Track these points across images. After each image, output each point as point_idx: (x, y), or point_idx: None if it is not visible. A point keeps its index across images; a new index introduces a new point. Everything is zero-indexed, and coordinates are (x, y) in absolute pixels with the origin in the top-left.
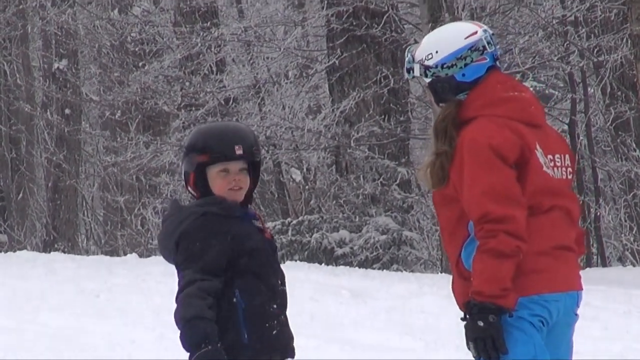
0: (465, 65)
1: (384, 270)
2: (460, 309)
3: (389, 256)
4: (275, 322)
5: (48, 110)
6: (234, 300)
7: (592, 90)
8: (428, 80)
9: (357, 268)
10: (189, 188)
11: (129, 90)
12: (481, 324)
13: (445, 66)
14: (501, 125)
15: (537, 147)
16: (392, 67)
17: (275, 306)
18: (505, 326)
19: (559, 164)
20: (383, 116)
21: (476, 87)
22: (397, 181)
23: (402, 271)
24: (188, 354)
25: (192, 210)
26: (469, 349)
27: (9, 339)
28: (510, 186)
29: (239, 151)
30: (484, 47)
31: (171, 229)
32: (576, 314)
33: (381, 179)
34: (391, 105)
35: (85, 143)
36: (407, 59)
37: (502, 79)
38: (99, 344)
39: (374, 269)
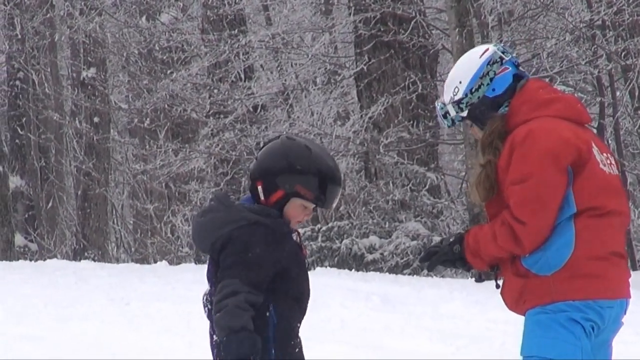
0: (491, 80)
1: (414, 276)
2: (510, 309)
3: (419, 261)
4: (298, 340)
5: (77, 118)
6: (267, 315)
7: (620, 94)
8: (465, 113)
9: (387, 274)
10: (260, 189)
11: (157, 97)
12: (446, 243)
13: (473, 90)
14: (559, 125)
15: (593, 145)
16: (420, 72)
17: (299, 324)
18: (556, 326)
19: (612, 162)
20: (412, 122)
21: (518, 95)
22: (427, 186)
23: (432, 277)
24: None
25: (244, 215)
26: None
27: (40, 348)
28: (548, 193)
29: (331, 206)
30: (500, 57)
31: (218, 225)
32: (622, 322)
33: (410, 185)
34: (420, 110)
35: (114, 151)
36: (438, 109)
37: (542, 84)
38: (130, 351)
39: (404, 274)
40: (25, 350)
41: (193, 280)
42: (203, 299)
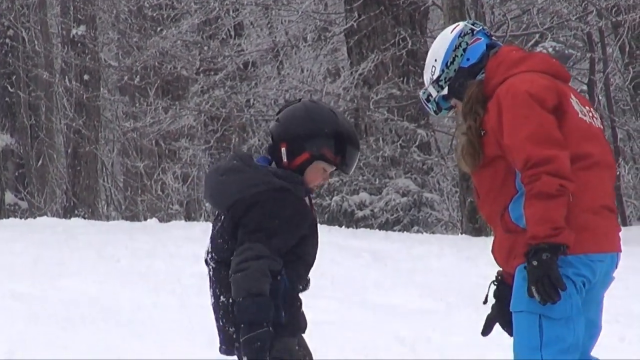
0: (464, 50)
1: (405, 232)
2: (501, 267)
3: (409, 218)
4: (300, 302)
5: (67, 76)
6: (279, 278)
7: (611, 50)
8: (445, 90)
9: (377, 230)
10: (283, 150)
11: (147, 55)
12: (535, 263)
13: (448, 64)
14: (535, 76)
15: (572, 96)
16: (411, 29)
17: (301, 287)
18: None
19: (595, 116)
20: (402, 78)
21: (492, 60)
22: (417, 143)
23: (422, 233)
24: (242, 324)
25: (269, 178)
26: (532, 295)
27: (31, 305)
28: (550, 129)
29: (350, 171)
30: (471, 29)
31: (245, 185)
32: (613, 276)
33: (400, 141)
34: (410, 67)
35: (105, 109)
36: (421, 95)
37: (514, 48)
38: (121, 309)
39: (394, 231)
40: (15, 308)
41: (183, 237)
42: (205, 257)
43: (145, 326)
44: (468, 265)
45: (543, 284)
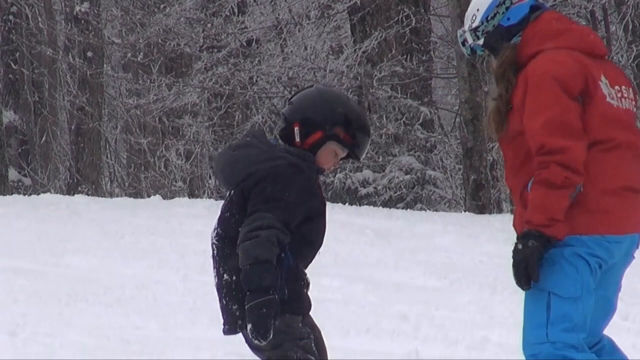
0: (507, 9)
1: (408, 210)
2: None
3: (412, 196)
4: (304, 282)
5: (70, 53)
6: (283, 255)
7: (614, 28)
8: (481, 41)
9: (380, 208)
10: (296, 130)
11: (150, 32)
12: (520, 246)
13: (489, 18)
14: (564, 56)
15: (602, 77)
16: (414, 6)
17: (307, 264)
18: (560, 260)
19: (625, 95)
20: (405, 56)
21: (531, 25)
22: (420, 120)
23: (425, 210)
24: (248, 291)
25: (282, 154)
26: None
27: (34, 282)
28: (569, 118)
29: (362, 156)
30: None
31: (255, 159)
32: (633, 256)
33: (404, 119)
34: (413, 44)
35: (108, 86)
36: (458, 36)
37: (557, 16)
38: (124, 285)
39: (397, 208)
40: (18, 284)
41: (186, 214)
42: (212, 236)
43: (147, 303)
44: (471, 242)
45: (518, 269)
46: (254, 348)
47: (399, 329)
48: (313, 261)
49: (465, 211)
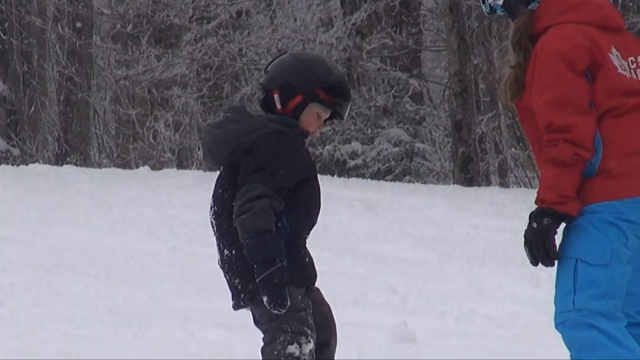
0: None
1: (397, 182)
2: None
3: (401, 168)
4: (307, 248)
5: (59, 24)
6: (279, 224)
7: None
8: (500, 1)
9: (369, 180)
10: (276, 97)
11: (140, 2)
12: (534, 225)
13: None
14: (573, 31)
15: (613, 50)
16: None
17: (307, 235)
18: (589, 227)
19: (638, 66)
20: (395, 28)
21: None
22: (409, 93)
23: (414, 183)
24: (255, 265)
25: (265, 123)
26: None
27: (22, 252)
28: (575, 95)
29: (345, 114)
30: None
31: (239, 133)
32: None
33: (393, 91)
34: (403, 17)
35: (97, 56)
36: None
37: None
38: (112, 256)
39: (386, 180)
40: (6, 254)
41: (175, 185)
42: (210, 214)
43: (136, 274)
44: (459, 215)
45: (538, 250)
46: (256, 322)
47: (387, 301)
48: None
49: (453, 184)
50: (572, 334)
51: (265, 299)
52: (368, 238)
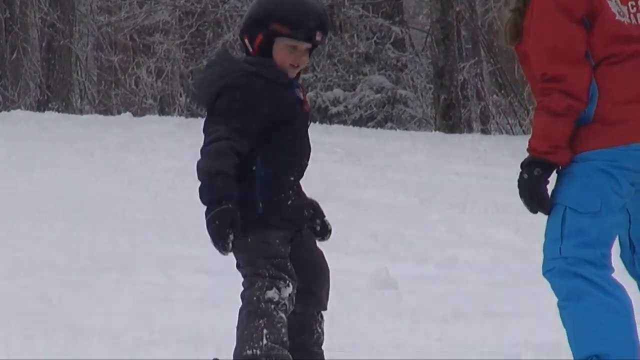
0: None
1: (378, 129)
2: None
3: (383, 114)
4: (291, 192)
5: None
6: (254, 168)
7: None
8: None
9: (351, 126)
10: (246, 41)
11: None
12: (525, 176)
13: None
14: None
15: None
16: None
17: (292, 178)
18: (581, 175)
19: (638, 10)
20: None
21: None
22: (391, 40)
23: (396, 129)
24: (205, 207)
25: (241, 66)
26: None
27: (3, 198)
28: (572, 44)
29: (317, 38)
30: None
31: (216, 77)
32: None
33: (375, 38)
34: None
35: (79, 3)
36: None
37: None
38: (94, 202)
39: (368, 127)
40: None
41: (157, 131)
42: None
43: (117, 220)
44: (441, 161)
45: (531, 200)
46: (237, 266)
47: (368, 247)
48: None
49: (435, 130)
50: (558, 281)
51: (210, 239)
52: (349, 184)
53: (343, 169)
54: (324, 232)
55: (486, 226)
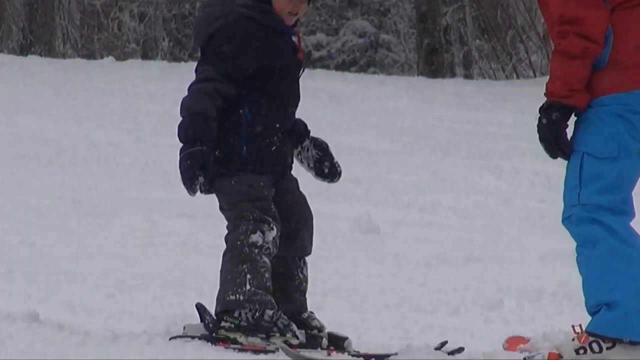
0: None
1: (361, 74)
2: None
3: (365, 59)
4: (275, 138)
5: None
6: (241, 112)
7: None
8: None
9: (334, 71)
10: None
11: None
12: (544, 121)
13: None
14: None
15: None
16: None
17: (278, 125)
18: (597, 121)
19: None
20: None
21: None
22: None
23: (379, 74)
24: (181, 144)
25: (238, 9)
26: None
27: None
28: None
29: None
30: None
31: (211, 18)
32: None
33: None
34: None
35: None
36: None
37: None
38: (77, 145)
39: (350, 72)
40: None
41: (140, 75)
42: None
43: (100, 164)
44: (424, 106)
45: (551, 145)
46: (220, 208)
47: (351, 192)
48: None
49: (418, 75)
50: (576, 228)
51: (180, 177)
52: (332, 129)
53: (326, 114)
54: (333, 174)
55: (469, 171)
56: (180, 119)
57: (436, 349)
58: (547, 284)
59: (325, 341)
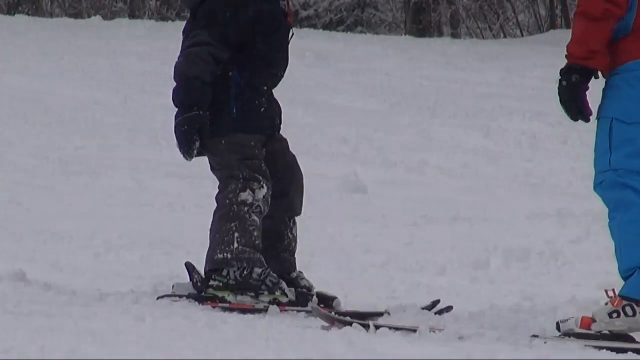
0: None
1: (348, 33)
2: None
3: (353, 18)
4: (264, 99)
5: None
6: (230, 74)
7: None
8: None
9: (321, 30)
10: None
11: None
12: (564, 83)
13: None
14: None
15: None
16: None
17: (266, 87)
18: (624, 86)
19: None
20: None
21: None
22: None
23: (366, 33)
24: (176, 109)
25: None
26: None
27: None
28: None
29: None
30: None
31: None
32: None
33: None
34: None
35: None
36: None
37: None
38: (64, 105)
39: (338, 31)
40: None
41: (127, 35)
42: None
43: (87, 124)
44: (411, 66)
45: (571, 108)
46: (212, 169)
47: (338, 151)
48: None
49: (405, 34)
50: (608, 193)
51: (176, 142)
52: (319, 89)
53: (313, 73)
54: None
55: (456, 131)
56: (175, 83)
57: (427, 308)
58: (534, 244)
59: (315, 299)
